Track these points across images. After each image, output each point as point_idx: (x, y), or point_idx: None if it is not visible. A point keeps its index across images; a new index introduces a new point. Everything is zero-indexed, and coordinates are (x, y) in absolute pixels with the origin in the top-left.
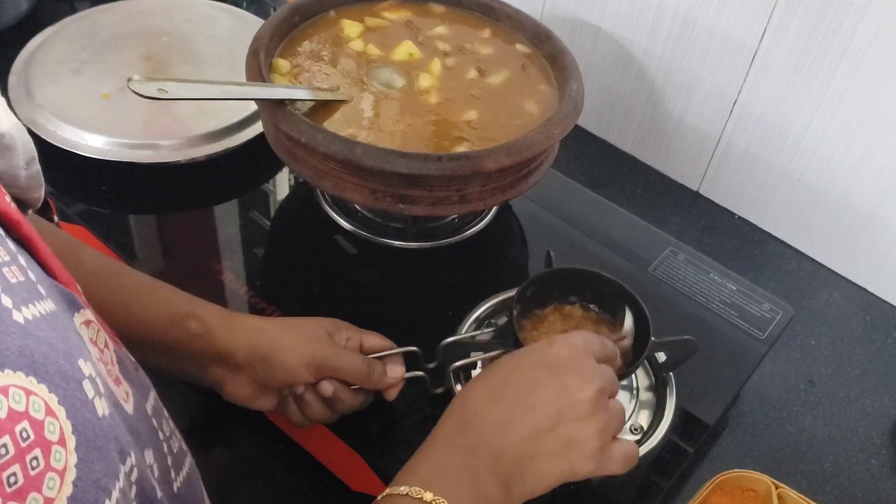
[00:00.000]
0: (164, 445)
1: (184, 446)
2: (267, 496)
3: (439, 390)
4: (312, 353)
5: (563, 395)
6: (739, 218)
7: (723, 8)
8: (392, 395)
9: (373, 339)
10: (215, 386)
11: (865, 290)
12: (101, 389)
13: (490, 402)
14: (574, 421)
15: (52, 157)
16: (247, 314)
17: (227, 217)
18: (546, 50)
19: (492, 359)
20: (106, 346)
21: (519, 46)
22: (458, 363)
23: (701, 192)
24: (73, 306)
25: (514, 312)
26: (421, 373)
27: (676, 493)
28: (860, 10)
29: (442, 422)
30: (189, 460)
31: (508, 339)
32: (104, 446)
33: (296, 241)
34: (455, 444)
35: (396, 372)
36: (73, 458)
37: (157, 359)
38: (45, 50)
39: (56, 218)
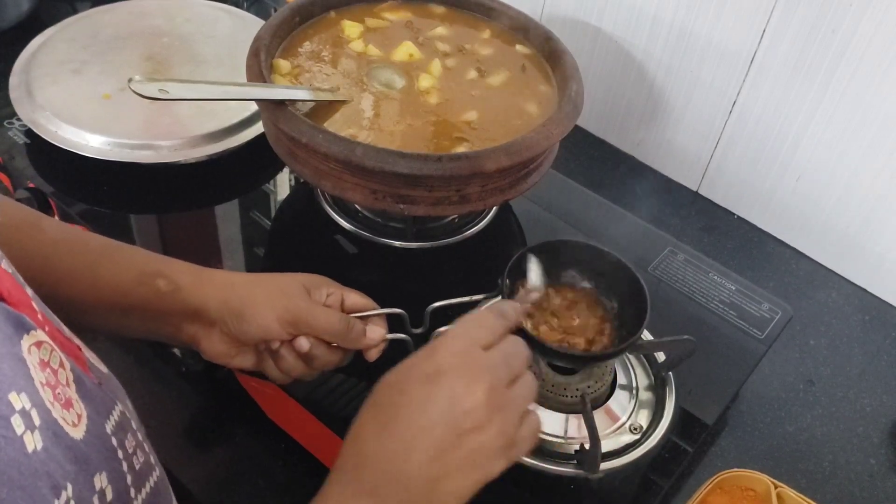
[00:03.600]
0: (124, 464)
1: (151, 459)
2: (267, 495)
3: None
4: (286, 309)
5: (455, 405)
6: (739, 218)
7: (722, 9)
8: (372, 356)
9: (355, 298)
10: (191, 345)
11: (864, 291)
12: (36, 422)
13: (382, 433)
14: (473, 431)
15: (53, 157)
16: (219, 270)
17: (227, 217)
18: (546, 50)
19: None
20: (61, 365)
21: (519, 47)
22: (442, 328)
23: (700, 192)
24: (22, 328)
25: (506, 284)
26: (404, 335)
27: (676, 493)
28: (859, 10)
29: (337, 463)
30: (156, 473)
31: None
32: (31, 484)
33: (296, 241)
34: (355, 488)
35: (376, 333)
36: None
37: (130, 322)
38: (46, 50)
39: (57, 218)
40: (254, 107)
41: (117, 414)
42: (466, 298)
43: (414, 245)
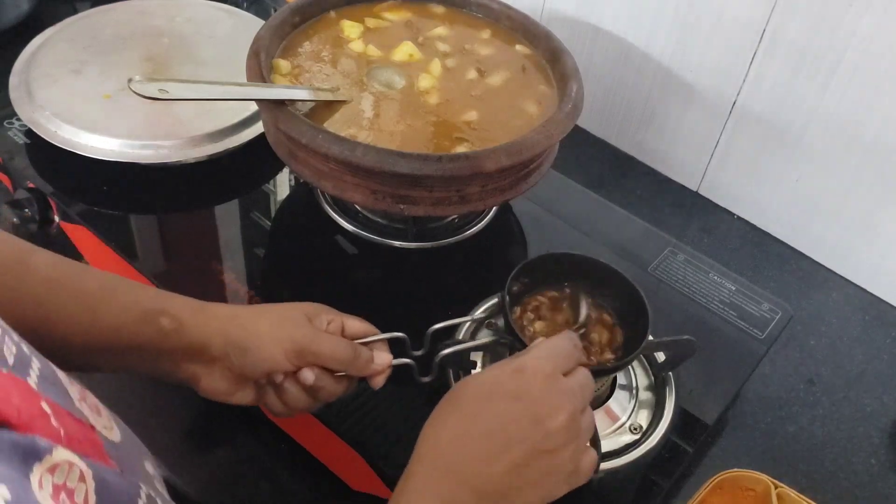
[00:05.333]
0: None
1: None
2: (267, 496)
3: (426, 379)
4: (291, 339)
5: (536, 427)
6: (739, 218)
7: (722, 9)
8: (378, 382)
9: (355, 324)
10: (189, 382)
11: (864, 290)
12: None
13: (463, 441)
14: (549, 452)
15: (53, 157)
16: (220, 303)
17: (227, 217)
18: (546, 50)
19: (480, 347)
20: (81, 478)
21: (519, 47)
22: (445, 351)
23: (700, 192)
24: (33, 456)
25: (507, 300)
26: (408, 360)
27: (676, 493)
28: (859, 10)
29: (415, 465)
30: None
31: (505, 337)
32: None
33: (296, 241)
34: (433, 491)
35: (383, 359)
36: None
37: (127, 361)
38: (46, 50)
39: (57, 218)
40: (254, 107)
41: (143, 502)
42: (467, 319)
43: (414, 245)
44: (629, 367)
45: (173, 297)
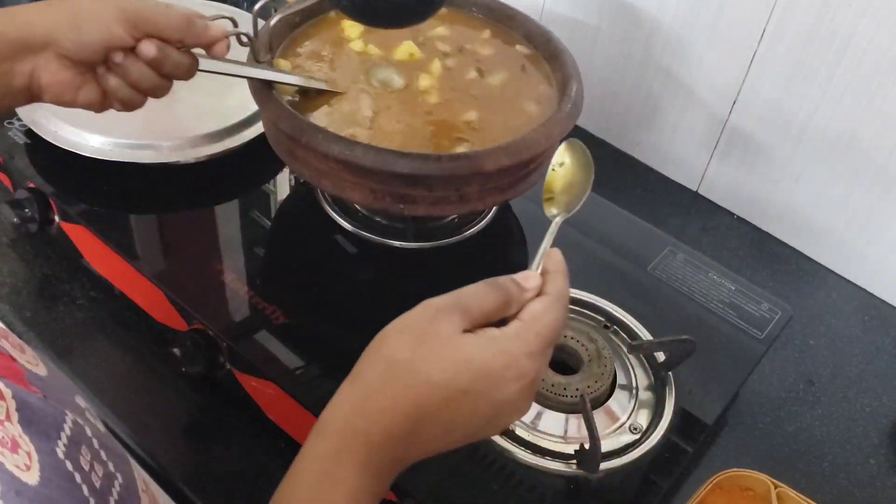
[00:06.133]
0: (84, 488)
1: (111, 467)
2: (267, 496)
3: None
4: (119, 8)
5: (503, 410)
6: (738, 218)
7: (722, 9)
8: (220, 51)
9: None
10: (33, 87)
11: (864, 290)
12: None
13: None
14: (507, 415)
15: (53, 157)
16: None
17: (227, 217)
18: (546, 50)
19: None
20: (0, 396)
21: (519, 47)
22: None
23: (700, 192)
24: None
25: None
26: (243, 31)
27: (675, 493)
28: (859, 10)
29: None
30: (119, 482)
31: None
32: None
33: (296, 241)
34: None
35: (219, 27)
36: None
37: None
38: None
39: (57, 218)
40: (254, 107)
41: (68, 427)
42: None
43: (414, 245)
44: (629, 367)
45: None
